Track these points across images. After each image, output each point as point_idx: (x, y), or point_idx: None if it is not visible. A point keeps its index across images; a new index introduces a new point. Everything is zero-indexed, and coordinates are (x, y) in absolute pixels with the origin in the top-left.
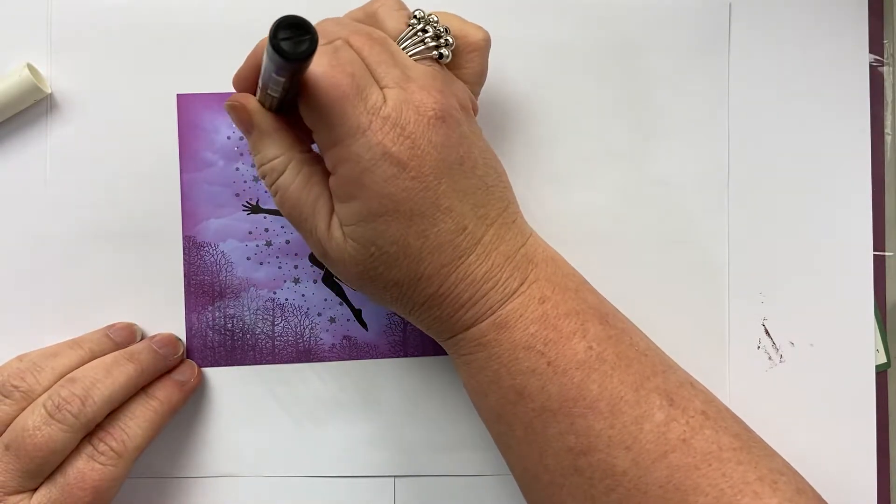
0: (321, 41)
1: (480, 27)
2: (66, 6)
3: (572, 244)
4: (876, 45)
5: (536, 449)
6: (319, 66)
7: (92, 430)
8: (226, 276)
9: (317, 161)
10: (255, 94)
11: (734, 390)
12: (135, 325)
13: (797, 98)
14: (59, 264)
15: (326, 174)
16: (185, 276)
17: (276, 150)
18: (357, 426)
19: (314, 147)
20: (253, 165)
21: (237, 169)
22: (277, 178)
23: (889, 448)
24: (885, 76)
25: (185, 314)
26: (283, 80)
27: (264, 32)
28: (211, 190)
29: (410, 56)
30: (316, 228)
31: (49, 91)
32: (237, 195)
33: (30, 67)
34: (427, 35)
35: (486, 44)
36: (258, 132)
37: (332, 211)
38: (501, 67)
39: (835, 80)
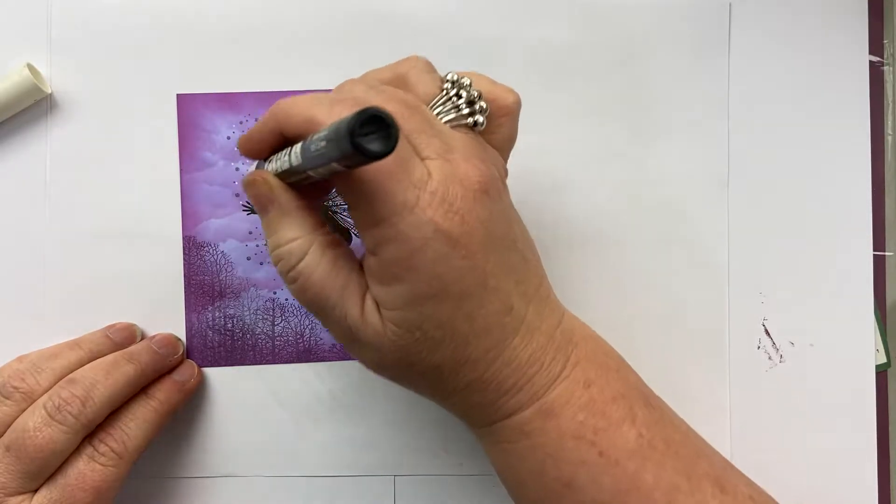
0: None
1: (511, 89)
2: (66, 6)
3: (573, 245)
4: (876, 45)
5: None
6: None
7: (92, 430)
8: (226, 276)
9: (338, 244)
10: (264, 162)
11: (734, 390)
12: (135, 325)
13: (797, 98)
14: (59, 264)
15: (351, 257)
16: (185, 276)
17: (297, 232)
18: (357, 426)
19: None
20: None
21: (237, 169)
22: (297, 263)
23: (889, 448)
24: (885, 76)
25: (185, 314)
26: (340, 168)
27: (264, 32)
28: (211, 190)
29: (443, 123)
30: (346, 315)
31: (49, 91)
32: (237, 195)
33: (30, 67)
34: (461, 101)
35: (517, 107)
36: (277, 211)
37: (363, 295)
38: (501, 68)
39: (835, 80)
